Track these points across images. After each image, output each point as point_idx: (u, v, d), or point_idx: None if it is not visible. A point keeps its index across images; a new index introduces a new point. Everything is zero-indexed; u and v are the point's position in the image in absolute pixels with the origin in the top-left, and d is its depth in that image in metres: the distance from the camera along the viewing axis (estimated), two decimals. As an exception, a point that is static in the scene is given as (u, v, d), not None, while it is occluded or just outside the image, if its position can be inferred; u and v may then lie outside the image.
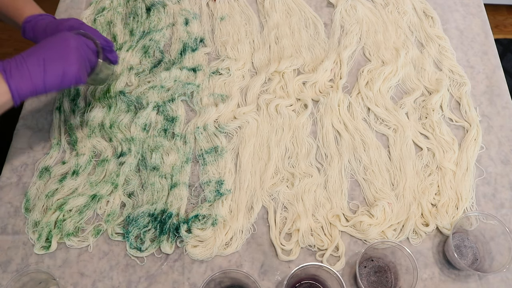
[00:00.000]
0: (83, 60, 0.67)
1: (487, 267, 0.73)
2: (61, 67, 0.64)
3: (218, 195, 0.79)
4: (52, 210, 0.77)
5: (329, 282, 0.71)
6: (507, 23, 2.15)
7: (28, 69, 0.62)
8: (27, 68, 0.62)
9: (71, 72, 0.65)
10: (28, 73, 0.62)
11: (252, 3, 1.04)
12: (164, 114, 0.88)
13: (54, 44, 0.65)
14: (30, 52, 0.64)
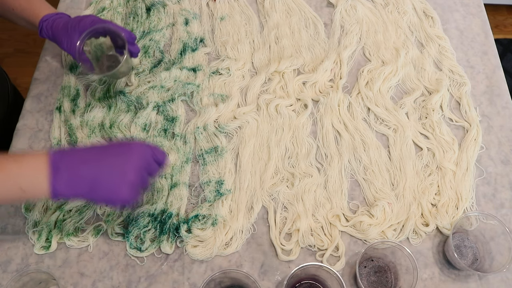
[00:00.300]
0: (140, 183, 0.60)
1: (487, 267, 0.73)
2: (109, 194, 0.58)
3: (218, 195, 0.79)
4: (52, 210, 0.77)
5: (329, 282, 0.71)
6: (507, 23, 2.15)
7: (76, 181, 0.57)
8: (76, 179, 0.57)
9: (116, 199, 0.59)
10: (74, 185, 0.57)
11: (252, 3, 1.04)
12: (164, 114, 0.88)
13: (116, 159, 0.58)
14: (87, 158, 0.58)
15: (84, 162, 0.57)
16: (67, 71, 0.93)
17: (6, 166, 0.55)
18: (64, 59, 0.95)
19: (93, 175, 0.57)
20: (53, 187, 0.56)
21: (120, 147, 0.61)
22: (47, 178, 0.55)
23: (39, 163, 0.56)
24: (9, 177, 0.55)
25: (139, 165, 0.60)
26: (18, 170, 0.55)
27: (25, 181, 0.55)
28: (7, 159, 0.56)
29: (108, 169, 0.58)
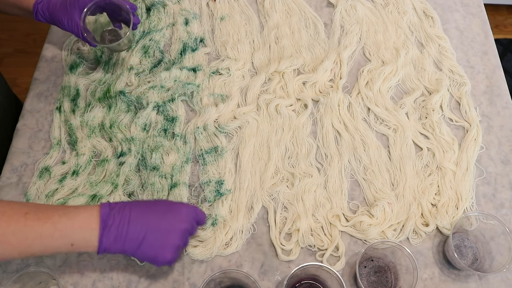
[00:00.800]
0: (182, 244, 0.64)
1: (487, 267, 0.73)
2: (155, 254, 0.61)
3: (218, 195, 0.79)
4: (52, 210, 0.77)
5: (329, 282, 0.71)
6: (507, 23, 2.15)
7: (124, 240, 0.59)
8: (125, 236, 0.58)
9: (160, 260, 0.62)
10: (122, 242, 0.59)
11: (252, 3, 1.04)
12: (164, 114, 0.88)
13: (163, 223, 0.61)
14: (136, 216, 0.59)
15: (133, 221, 0.59)
16: (67, 71, 0.93)
17: (59, 222, 0.56)
18: (64, 59, 0.95)
19: (141, 236, 0.59)
20: (102, 245, 0.58)
21: (169, 209, 0.63)
22: (97, 235, 0.57)
23: (91, 221, 0.57)
24: (61, 234, 0.56)
25: (184, 229, 0.63)
26: (71, 227, 0.57)
27: (76, 237, 0.57)
28: (59, 215, 0.57)
29: (156, 232, 0.60)
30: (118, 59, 0.94)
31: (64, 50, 0.96)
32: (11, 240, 0.54)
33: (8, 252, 0.55)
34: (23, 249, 0.55)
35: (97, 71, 0.93)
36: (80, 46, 0.96)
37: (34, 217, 0.55)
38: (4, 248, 0.54)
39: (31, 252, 0.56)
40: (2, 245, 0.54)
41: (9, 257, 0.57)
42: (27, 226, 0.54)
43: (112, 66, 0.93)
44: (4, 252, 0.54)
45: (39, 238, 0.55)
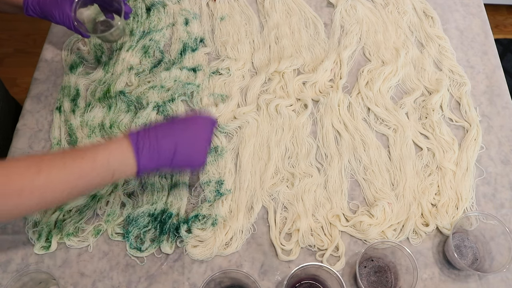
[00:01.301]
0: (208, 147, 0.68)
1: (487, 267, 0.73)
2: (188, 159, 0.65)
3: (218, 195, 0.79)
4: (52, 210, 0.77)
5: (329, 282, 0.71)
6: (507, 23, 2.15)
7: (159, 154, 0.62)
8: (157, 151, 0.62)
9: (196, 163, 0.67)
10: (157, 157, 0.62)
11: (252, 3, 1.04)
12: (164, 114, 0.88)
13: (188, 133, 0.65)
14: (163, 132, 0.63)
15: (162, 138, 0.62)
16: (67, 71, 0.93)
17: (96, 157, 0.58)
18: (64, 59, 0.95)
19: (172, 149, 0.63)
20: (140, 165, 0.61)
21: (188, 121, 0.67)
22: (133, 158, 0.60)
23: (124, 148, 0.60)
24: (101, 166, 0.58)
25: (208, 134, 0.68)
26: (108, 157, 0.59)
27: (115, 165, 0.59)
28: (93, 151, 0.59)
29: (184, 142, 0.64)
30: (118, 59, 0.94)
31: (64, 50, 0.96)
32: (56, 185, 0.55)
33: (57, 197, 0.57)
34: (70, 191, 0.57)
35: (97, 71, 0.93)
36: (80, 46, 0.96)
37: (70, 159, 0.57)
38: (53, 195, 0.56)
39: (78, 191, 0.58)
40: (50, 192, 0.55)
41: (59, 201, 0.58)
42: (67, 168, 0.56)
43: (112, 66, 0.93)
44: (53, 198, 0.56)
45: (82, 176, 0.57)
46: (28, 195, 0.53)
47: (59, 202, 0.59)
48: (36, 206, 0.56)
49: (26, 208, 0.55)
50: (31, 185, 0.53)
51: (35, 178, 0.54)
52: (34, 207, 0.56)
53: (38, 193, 0.54)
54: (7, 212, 0.54)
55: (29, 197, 0.53)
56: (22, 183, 0.53)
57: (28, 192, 0.53)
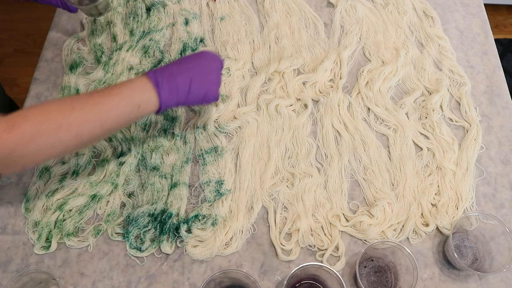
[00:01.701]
0: (219, 80, 0.73)
1: (487, 267, 0.73)
2: (204, 90, 0.70)
3: (218, 195, 0.79)
4: (52, 210, 0.77)
5: (329, 282, 0.71)
6: (507, 23, 2.15)
7: (177, 87, 0.67)
8: (176, 85, 0.67)
9: (211, 94, 0.72)
10: (176, 90, 0.67)
11: (252, 3, 1.04)
12: (164, 114, 0.88)
13: (200, 66, 0.70)
14: (177, 69, 0.68)
15: (178, 74, 0.68)
16: (67, 71, 0.93)
17: (122, 91, 0.64)
18: (64, 59, 0.95)
19: (188, 83, 0.68)
20: (161, 99, 0.66)
21: (199, 57, 0.72)
22: (155, 92, 0.66)
23: (145, 83, 0.66)
24: (127, 100, 0.64)
25: (218, 69, 0.73)
26: (132, 91, 0.64)
27: (139, 99, 0.64)
28: (118, 88, 0.64)
29: (198, 76, 0.69)
30: (118, 59, 0.94)
31: (64, 50, 0.96)
32: (90, 120, 0.61)
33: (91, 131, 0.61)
34: (102, 124, 0.62)
35: (97, 71, 0.93)
36: (80, 46, 0.96)
37: (98, 96, 0.62)
38: (88, 129, 0.61)
39: (110, 125, 0.63)
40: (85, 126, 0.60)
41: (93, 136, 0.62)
42: (97, 104, 0.62)
43: (112, 66, 0.93)
44: (89, 132, 0.61)
45: (111, 109, 0.63)
46: (66, 129, 0.58)
47: (94, 137, 0.63)
48: (75, 140, 0.60)
49: (67, 143, 0.60)
50: (68, 120, 0.59)
51: (70, 114, 0.59)
52: (74, 141, 0.60)
53: (75, 128, 0.59)
54: (52, 148, 0.59)
55: (67, 131, 0.59)
56: (59, 119, 0.58)
57: (65, 126, 0.58)
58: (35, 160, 0.60)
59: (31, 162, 0.60)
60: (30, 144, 0.56)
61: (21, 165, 0.59)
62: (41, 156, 0.59)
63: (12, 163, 0.58)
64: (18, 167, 0.60)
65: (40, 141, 0.57)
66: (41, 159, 0.60)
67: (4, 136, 0.55)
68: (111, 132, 0.65)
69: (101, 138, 0.69)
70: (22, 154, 0.57)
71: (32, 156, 0.58)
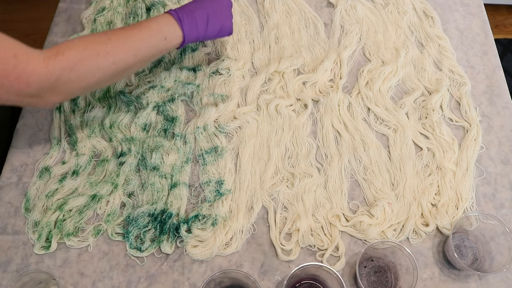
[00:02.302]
0: (232, 16, 0.82)
1: (487, 267, 0.73)
2: (219, 24, 0.79)
3: (218, 195, 0.79)
4: (52, 210, 0.77)
5: (329, 282, 0.71)
6: (507, 23, 2.15)
7: (196, 22, 0.76)
8: (195, 21, 0.76)
9: (226, 26, 0.81)
10: (195, 25, 0.76)
11: (252, 3, 1.04)
12: (164, 114, 0.88)
13: (213, 2, 0.79)
14: (194, 6, 0.77)
15: (195, 11, 0.76)
16: (67, 71, 0.93)
17: (150, 25, 0.72)
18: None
19: (205, 18, 0.77)
20: (184, 33, 0.75)
21: None
22: (178, 26, 0.74)
23: (169, 19, 0.74)
24: (156, 32, 0.72)
25: (229, 5, 0.81)
26: (159, 25, 0.73)
27: (166, 32, 0.73)
28: (146, 22, 0.73)
29: (213, 12, 0.78)
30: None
31: (64, 50, 0.96)
32: (124, 49, 0.68)
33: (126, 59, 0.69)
34: (135, 53, 0.70)
35: (97, 71, 0.93)
36: None
37: (129, 30, 0.70)
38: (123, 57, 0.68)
39: (142, 55, 0.71)
40: (121, 54, 0.68)
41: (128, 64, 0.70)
42: (130, 36, 0.69)
43: (112, 66, 0.93)
44: (124, 60, 0.68)
45: (143, 40, 0.71)
46: (104, 56, 0.66)
47: (128, 66, 0.70)
48: (112, 67, 0.67)
49: (105, 69, 0.67)
50: (105, 49, 0.66)
51: (107, 44, 0.67)
52: (111, 68, 0.67)
53: (112, 55, 0.67)
54: (92, 75, 0.66)
55: (106, 58, 0.66)
56: (97, 48, 0.66)
57: (104, 54, 0.66)
58: (78, 86, 0.66)
59: (74, 89, 0.66)
60: (73, 70, 0.63)
61: (65, 92, 0.65)
62: (83, 83, 0.66)
63: (58, 89, 0.64)
64: (62, 95, 0.66)
65: (82, 67, 0.64)
66: (83, 86, 0.66)
67: (51, 62, 0.61)
68: (142, 63, 0.73)
69: (134, 68, 0.74)
70: (67, 80, 0.63)
71: (75, 83, 0.65)
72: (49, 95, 0.64)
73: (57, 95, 0.65)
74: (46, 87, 0.62)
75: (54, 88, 0.63)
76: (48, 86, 0.62)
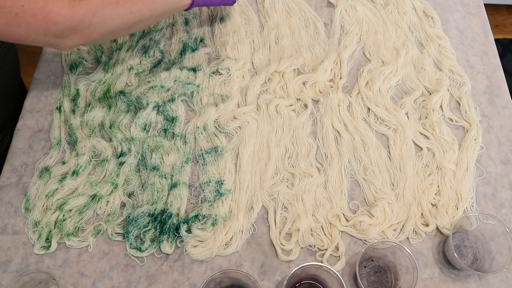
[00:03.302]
0: None
1: (487, 267, 0.73)
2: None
3: (218, 195, 0.79)
4: (52, 210, 0.77)
5: (329, 282, 0.71)
6: (507, 23, 2.15)
7: None
8: None
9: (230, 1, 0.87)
10: None
11: (252, 3, 1.04)
12: (164, 114, 0.88)
13: None
14: None
15: None
16: (67, 71, 0.93)
17: None
18: (64, 59, 0.95)
19: None
20: None
21: None
22: None
23: None
24: None
25: None
26: None
27: None
28: None
29: None
30: (118, 59, 0.94)
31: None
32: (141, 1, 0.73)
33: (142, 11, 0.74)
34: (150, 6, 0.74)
35: (97, 71, 0.93)
36: (80, 46, 0.96)
37: None
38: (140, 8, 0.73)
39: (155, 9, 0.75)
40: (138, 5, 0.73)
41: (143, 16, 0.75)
42: None
43: (112, 66, 0.93)
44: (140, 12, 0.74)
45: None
46: (123, 5, 0.71)
47: (143, 18, 0.75)
48: (130, 17, 0.73)
49: (123, 17, 0.72)
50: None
51: None
52: (128, 17, 0.73)
53: (129, 5, 0.72)
54: (111, 21, 0.71)
55: (124, 7, 0.71)
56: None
57: (122, 3, 0.71)
58: (98, 31, 0.71)
59: (94, 33, 0.71)
60: (95, 14, 0.68)
61: (86, 35, 0.70)
62: (102, 28, 0.71)
63: (81, 32, 0.69)
64: (83, 38, 0.71)
65: (103, 13, 0.69)
66: (102, 31, 0.71)
67: (76, 5, 0.66)
68: (155, 18, 0.77)
69: (148, 22, 0.78)
70: (88, 24, 0.68)
71: (96, 27, 0.70)
72: (72, 37, 0.69)
73: (79, 37, 0.70)
74: (70, 28, 0.67)
75: (77, 30, 0.68)
76: (72, 27, 0.67)
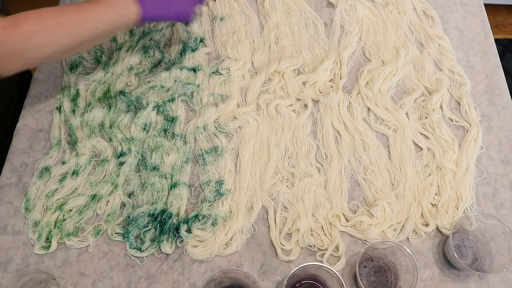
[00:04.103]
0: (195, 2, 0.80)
1: (487, 267, 0.73)
2: (180, 8, 0.78)
3: (218, 195, 0.79)
4: (52, 210, 0.77)
5: (329, 282, 0.71)
6: (507, 23, 2.15)
7: (157, 5, 0.75)
8: (157, 4, 0.75)
9: (186, 12, 0.79)
10: (156, 8, 0.75)
11: (252, 3, 1.04)
12: (164, 114, 0.88)
13: None
14: None
15: None
16: (67, 71, 0.93)
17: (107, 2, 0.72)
18: (64, 59, 0.95)
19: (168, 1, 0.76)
20: (143, 10, 0.74)
21: None
22: (136, 5, 0.73)
23: None
24: (113, 8, 0.72)
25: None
26: (118, 1, 0.72)
27: (123, 9, 0.72)
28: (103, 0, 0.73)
29: None
30: (118, 59, 0.94)
31: (64, 50, 0.96)
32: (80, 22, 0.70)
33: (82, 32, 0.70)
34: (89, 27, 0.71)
35: (97, 71, 0.93)
36: None
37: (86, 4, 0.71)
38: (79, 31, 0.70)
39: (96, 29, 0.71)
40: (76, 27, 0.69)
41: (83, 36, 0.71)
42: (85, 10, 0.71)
43: (112, 66, 0.93)
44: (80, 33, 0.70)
45: (98, 14, 0.71)
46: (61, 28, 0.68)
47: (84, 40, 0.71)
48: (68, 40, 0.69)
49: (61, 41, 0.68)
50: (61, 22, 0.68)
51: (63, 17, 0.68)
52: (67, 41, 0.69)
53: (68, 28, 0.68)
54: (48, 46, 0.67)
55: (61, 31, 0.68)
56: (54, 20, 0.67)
57: (60, 26, 0.67)
58: (35, 56, 0.67)
59: (31, 58, 0.68)
60: (30, 39, 0.65)
61: (22, 61, 0.67)
62: (40, 53, 0.67)
63: (15, 58, 0.66)
64: (20, 64, 0.68)
65: (39, 38, 0.66)
66: (40, 56, 0.68)
67: (8, 31, 0.63)
68: (100, 37, 0.73)
69: (94, 42, 0.75)
70: (24, 49, 0.65)
71: (32, 53, 0.66)
72: (6, 63, 0.66)
73: (14, 64, 0.67)
74: (4, 55, 0.64)
75: (12, 57, 0.65)
76: (6, 54, 0.64)
